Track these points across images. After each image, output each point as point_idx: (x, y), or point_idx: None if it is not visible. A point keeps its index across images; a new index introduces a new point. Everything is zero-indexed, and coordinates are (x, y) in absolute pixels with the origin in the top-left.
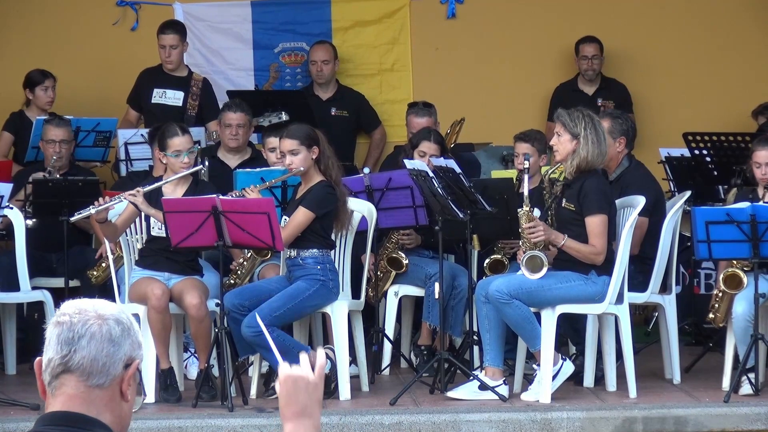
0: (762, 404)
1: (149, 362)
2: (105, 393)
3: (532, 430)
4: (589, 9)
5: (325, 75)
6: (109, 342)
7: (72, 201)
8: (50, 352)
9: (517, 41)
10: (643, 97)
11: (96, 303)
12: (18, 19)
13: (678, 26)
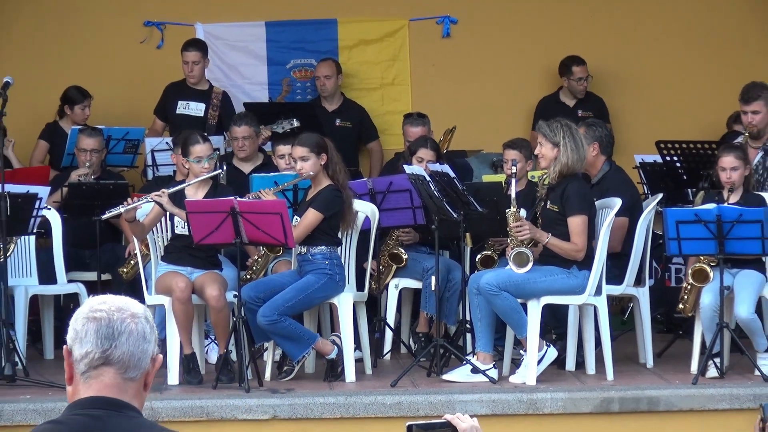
0: (726, 386)
1: (173, 348)
2: (135, 384)
3: (519, 410)
4: (569, 29)
5: (328, 89)
6: (143, 339)
7: (103, 202)
8: (88, 346)
9: (505, 58)
10: (620, 108)
11: (126, 301)
12: (54, 37)
13: (651, 44)
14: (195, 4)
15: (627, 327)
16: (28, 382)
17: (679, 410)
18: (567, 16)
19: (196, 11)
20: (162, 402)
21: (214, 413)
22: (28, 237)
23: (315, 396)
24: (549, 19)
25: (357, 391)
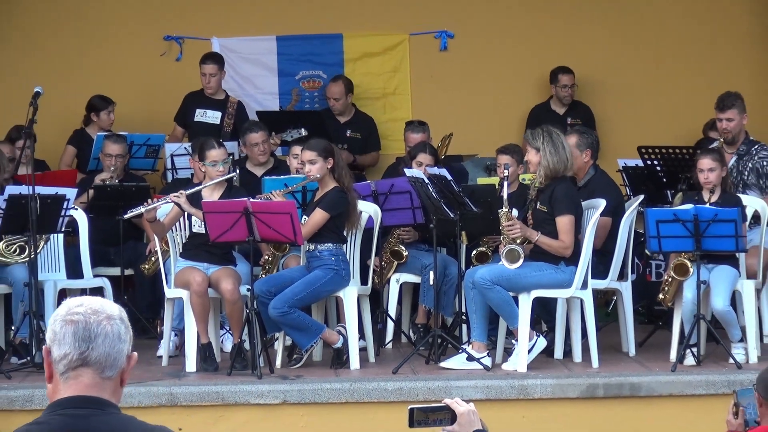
0: (702, 373)
1: (191, 338)
2: (112, 382)
3: (511, 395)
4: (559, 42)
5: (338, 109)
6: (118, 340)
7: (126, 203)
8: (66, 348)
9: (499, 69)
10: (605, 116)
11: (102, 303)
12: (81, 50)
13: (633, 57)
14: (211, 19)
15: (611, 319)
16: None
17: (659, 395)
18: (556, 31)
19: (212, 26)
20: (180, 388)
21: (228, 398)
22: (57, 235)
23: (322, 382)
24: (539, 32)
25: (361, 377)
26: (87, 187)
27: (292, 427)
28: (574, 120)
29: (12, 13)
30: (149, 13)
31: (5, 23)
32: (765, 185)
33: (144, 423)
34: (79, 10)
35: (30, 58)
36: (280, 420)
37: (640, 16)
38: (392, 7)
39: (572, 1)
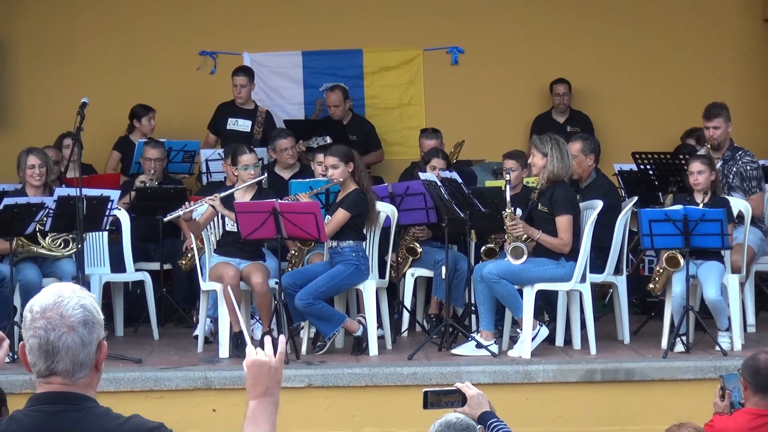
0: (691, 360)
1: (224, 327)
2: (86, 378)
3: (516, 379)
4: (559, 57)
5: (338, 115)
6: (81, 347)
7: (165, 204)
8: (34, 359)
9: (505, 82)
10: (602, 124)
11: (63, 306)
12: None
13: (627, 70)
14: (243, 36)
15: (607, 309)
16: None
17: (652, 380)
18: (557, 47)
19: (243, 42)
20: (214, 372)
21: None
22: (102, 232)
23: (344, 367)
24: (541, 48)
25: (379, 363)
26: (129, 189)
27: (316, 409)
28: (573, 128)
29: (61, 30)
30: (186, 30)
31: (55, 39)
32: (748, 188)
33: (118, 415)
34: (123, 27)
35: (78, 71)
36: (305, 402)
37: (633, 34)
38: (408, 24)
39: (571, 20)
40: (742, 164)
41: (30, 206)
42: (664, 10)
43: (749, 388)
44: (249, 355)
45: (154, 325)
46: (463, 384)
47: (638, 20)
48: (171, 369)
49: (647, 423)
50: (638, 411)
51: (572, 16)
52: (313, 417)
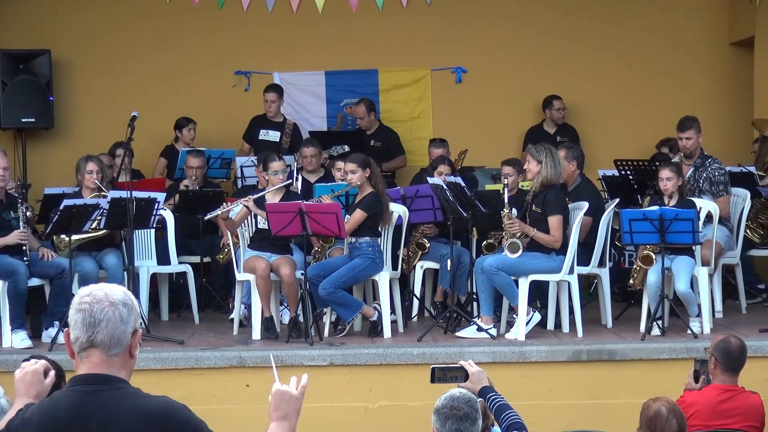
0: (666, 342)
1: (256, 312)
2: (120, 357)
3: (512, 359)
4: (550, 77)
5: (364, 125)
6: (120, 322)
7: (205, 205)
8: (77, 332)
9: (502, 97)
10: (587, 135)
11: (108, 290)
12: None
13: (610, 87)
14: (273, 57)
15: (592, 297)
16: (149, 338)
17: (631, 359)
18: (547, 67)
19: (274, 63)
20: (248, 353)
21: (286, 361)
22: (149, 230)
23: (361, 348)
24: (534, 68)
25: (392, 344)
26: (174, 192)
27: (337, 384)
28: (562, 138)
29: (113, 50)
30: (224, 52)
31: (108, 58)
32: (716, 191)
33: (147, 394)
34: (168, 48)
35: (128, 86)
36: (328, 378)
37: (615, 57)
38: (417, 48)
39: (561, 45)
40: (711, 170)
41: (86, 207)
42: (643, 36)
43: (718, 367)
44: (275, 385)
45: (195, 311)
46: (466, 362)
47: (620, 45)
48: (210, 349)
49: (627, 397)
50: (619, 387)
51: (562, 41)
52: (334, 391)
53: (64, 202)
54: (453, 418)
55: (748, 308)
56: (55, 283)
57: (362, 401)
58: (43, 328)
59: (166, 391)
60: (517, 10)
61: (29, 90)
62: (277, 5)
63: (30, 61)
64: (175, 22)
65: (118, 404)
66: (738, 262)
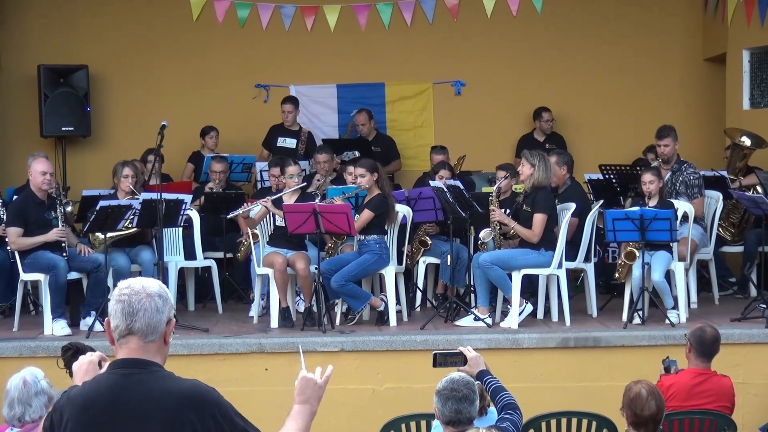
0: (646, 330)
1: (274, 303)
2: (155, 344)
3: (506, 345)
4: (540, 89)
5: (365, 132)
6: (156, 312)
7: (228, 206)
8: (117, 321)
9: (497, 108)
10: (574, 142)
11: (145, 283)
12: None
13: (596, 98)
14: (290, 72)
15: (579, 290)
16: (177, 326)
17: (614, 346)
18: (539, 80)
19: (290, 76)
20: (267, 339)
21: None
22: (177, 228)
23: (369, 335)
24: (526, 82)
25: (397, 332)
26: (199, 194)
27: (347, 368)
28: (551, 145)
29: (145, 64)
30: (245, 66)
31: (140, 72)
32: (691, 193)
33: (179, 377)
34: (194, 63)
35: (158, 97)
36: (339, 363)
37: (600, 71)
38: (420, 63)
39: (550, 60)
40: (686, 174)
41: (121, 207)
42: (626, 53)
43: (693, 352)
44: (302, 372)
45: (218, 302)
46: (465, 348)
47: (604, 60)
48: (232, 336)
49: (610, 380)
50: (603, 371)
51: (552, 57)
52: (345, 375)
53: (100, 203)
54: (453, 399)
55: (721, 300)
56: (91, 276)
57: (370, 384)
58: (81, 318)
59: (193, 375)
60: (510, 28)
61: (69, 102)
62: (293, 24)
63: (69, 76)
64: (200, 39)
65: (152, 386)
66: (711, 258)
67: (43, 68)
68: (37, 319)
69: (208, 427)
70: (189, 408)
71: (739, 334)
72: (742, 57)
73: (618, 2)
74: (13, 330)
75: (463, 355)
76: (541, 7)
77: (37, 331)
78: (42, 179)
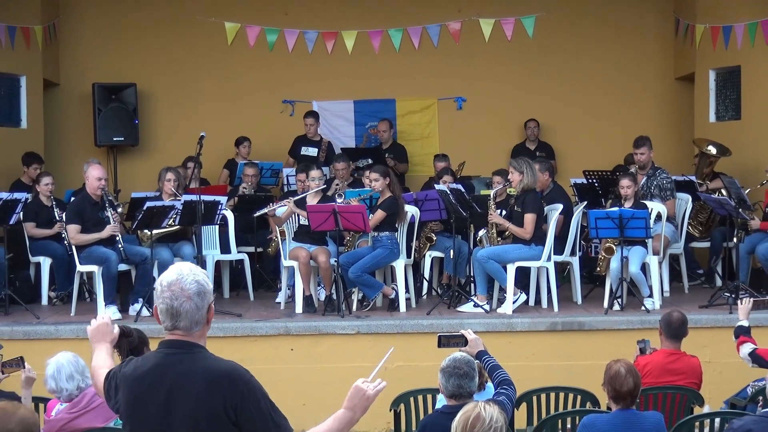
0: (624, 315)
1: (299, 291)
2: (199, 331)
3: (502, 328)
4: (531, 104)
5: (385, 138)
6: (196, 310)
7: (259, 206)
8: (163, 318)
9: (493, 121)
10: (562, 150)
11: (183, 284)
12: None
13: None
14: (312, 89)
15: (566, 280)
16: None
17: (597, 329)
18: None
19: (313, 93)
20: (292, 323)
21: (322, 330)
22: (214, 226)
23: (382, 320)
24: (518, 98)
25: (407, 317)
26: (233, 196)
27: (363, 349)
28: (541, 153)
29: (186, 82)
30: (273, 84)
31: (181, 89)
32: (664, 196)
33: (218, 357)
34: (229, 82)
35: (198, 112)
36: (355, 344)
37: (584, 86)
38: (427, 82)
39: (540, 78)
40: (660, 179)
41: (165, 207)
42: (607, 72)
43: (663, 335)
44: (360, 380)
45: (250, 290)
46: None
47: (588, 78)
48: (262, 321)
49: (593, 359)
50: (587, 351)
51: (541, 76)
52: (361, 354)
53: (147, 203)
54: (455, 375)
55: (690, 289)
56: (139, 268)
57: None
58: (130, 304)
59: (227, 355)
60: (505, 51)
61: (119, 115)
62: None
63: (120, 92)
64: (234, 60)
65: (192, 364)
66: (681, 252)
67: (97, 86)
68: (91, 305)
69: (235, 404)
70: (222, 384)
71: (706, 319)
72: (709, 76)
73: (600, 27)
74: (70, 315)
75: (464, 337)
76: (532, 32)
77: (92, 315)
78: (97, 184)
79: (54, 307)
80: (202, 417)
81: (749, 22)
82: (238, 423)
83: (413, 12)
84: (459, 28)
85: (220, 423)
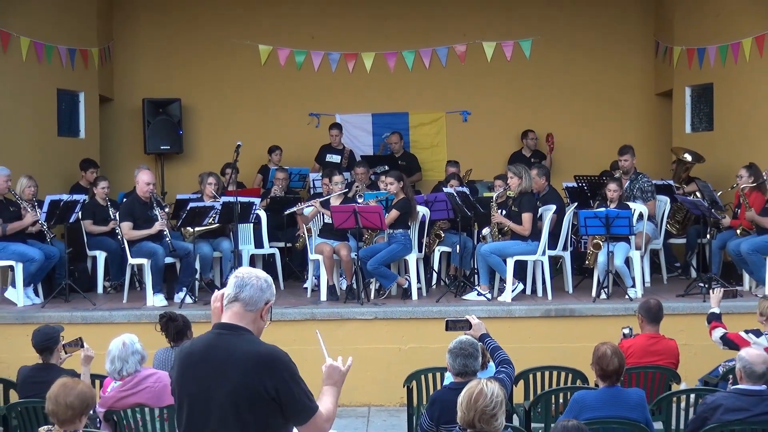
0: (610, 303)
1: (324, 281)
2: (253, 315)
3: (502, 314)
4: (527, 116)
5: (396, 149)
6: (259, 290)
7: (288, 206)
8: (229, 289)
9: (494, 131)
10: (555, 157)
11: (257, 272)
12: (263, 119)
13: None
14: (336, 103)
15: (558, 272)
16: None
17: (586, 315)
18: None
19: (336, 107)
20: (318, 310)
21: (344, 315)
22: (249, 224)
23: (396, 307)
24: (517, 110)
25: (418, 304)
26: (266, 198)
27: (379, 332)
28: (536, 160)
29: (224, 97)
30: (301, 99)
31: (220, 103)
32: (646, 197)
33: (261, 342)
34: (262, 97)
35: (234, 123)
36: (373, 328)
37: (576, 100)
38: (436, 97)
39: (536, 93)
40: (641, 183)
41: (206, 208)
42: (595, 87)
43: (644, 320)
44: (329, 360)
45: (280, 281)
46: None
47: (578, 93)
48: (291, 307)
49: (583, 342)
50: (577, 334)
51: (537, 91)
52: (378, 337)
53: (190, 204)
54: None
55: (668, 280)
56: (183, 261)
57: (397, 344)
58: (175, 293)
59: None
60: (505, 69)
61: (166, 126)
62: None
63: (166, 106)
64: (267, 78)
65: (237, 345)
66: (661, 248)
67: (146, 101)
68: (140, 294)
69: (276, 384)
70: (264, 366)
71: (683, 306)
72: (685, 92)
73: (589, 50)
74: (123, 302)
75: (469, 321)
76: (529, 53)
77: (141, 303)
78: (147, 188)
79: (108, 295)
80: (245, 394)
81: (721, 45)
82: (279, 399)
83: (424, 36)
84: (464, 50)
85: (261, 399)
